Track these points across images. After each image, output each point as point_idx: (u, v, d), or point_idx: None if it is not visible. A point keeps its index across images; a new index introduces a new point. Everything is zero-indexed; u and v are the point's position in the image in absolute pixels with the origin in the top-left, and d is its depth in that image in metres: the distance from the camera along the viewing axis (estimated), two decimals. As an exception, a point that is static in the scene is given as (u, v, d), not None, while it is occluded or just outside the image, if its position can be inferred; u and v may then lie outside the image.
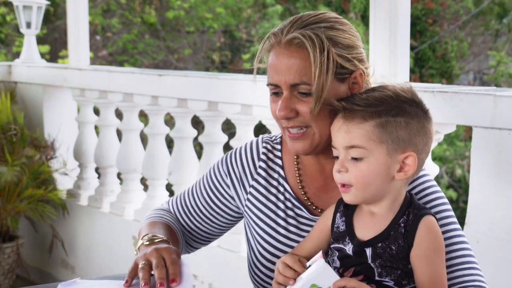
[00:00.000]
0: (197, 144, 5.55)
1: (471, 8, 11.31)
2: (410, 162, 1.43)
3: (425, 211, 1.44)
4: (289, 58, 1.55)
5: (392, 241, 1.41)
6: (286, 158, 1.74)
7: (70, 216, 4.42)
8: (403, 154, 1.43)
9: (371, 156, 1.42)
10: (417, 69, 10.55)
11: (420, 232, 1.41)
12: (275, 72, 1.58)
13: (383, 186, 1.43)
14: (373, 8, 2.72)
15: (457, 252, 1.56)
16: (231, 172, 1.77)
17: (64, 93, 4.71)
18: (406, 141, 1.43)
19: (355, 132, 1.42)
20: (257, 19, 11.43)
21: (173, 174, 3.67)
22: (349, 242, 1.45)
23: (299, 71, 1.54)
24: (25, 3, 4.90)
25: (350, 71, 1.57)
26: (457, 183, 10.14)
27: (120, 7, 11.53)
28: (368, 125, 1.42)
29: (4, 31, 10.41)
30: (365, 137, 1.41)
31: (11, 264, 4.30)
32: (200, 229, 1.84)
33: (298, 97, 1.56)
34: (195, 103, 3.54)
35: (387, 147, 1.42)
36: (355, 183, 1.42)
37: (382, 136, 1.41)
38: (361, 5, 10.11)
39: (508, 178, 2.29)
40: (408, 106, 1.44)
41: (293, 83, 1.55)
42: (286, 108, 1.56)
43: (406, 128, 1.43)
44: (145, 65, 11.17)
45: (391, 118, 1.42)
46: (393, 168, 1.43)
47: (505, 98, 2.26)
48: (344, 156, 1.44)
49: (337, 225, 1.49)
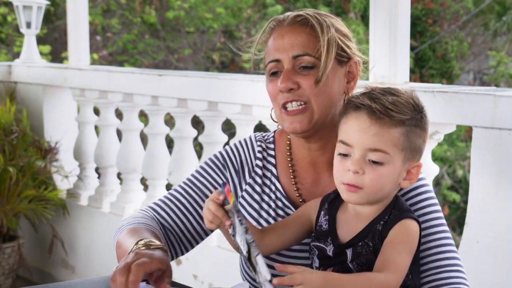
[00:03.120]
0: (197, 144, 5.55)
1: (471, 8, 11.30)
2: (415, 172, 1.46)
3: (407, 213, 1.44)
4: (293, 33, 1.58)
5: (370, 239, 1.42)
6: (279, 156, 1.73)
7: (70, 216, 4.42)
8: (413, 163, 1.46)
9: (391, 163, 1.41)
10: (417, 69, 10.54)
11: (394, 228, 1.41)
12: (276, 49, 1.59)
13: (389, 192, 1.45)
14: (373, 8, 2.72)
15: (445, 253, 1.56)
16: (230, 166, 1.75)
17: (64, 93, 4.71)
18: (418, 151, 1.46)
19: (384, 136, 1.41)
20: (257, 19, 11.42)
21: (173, 174, 3.67)
22: (331, 243, 1.45)
23: (303, 44, 1.57)
24: (25, 3, 4.89)
25: (348, 56, 1.62)
26: (458, 184, 10.14)
27: (120, 7, 11.53)
28: (396, 131, 1.41)
29: (5, 31, 10.41)
30: (392, 143, 1.41)
31: (12, 264, 4.30)
32: (193, 226, 1.73)
33: (299, 72, 1.57)
34: (195, 103, 3.54)
35: (405, 155, 1.43)
36: (369, 186, 1.41)
37: (404, 144, 1.42)
38: (361, 5, 10.11)
39: (508, 178, 2.29)
40: (424, 116, 1.47)
41: (296, 54, 1.56)
42: (288, 79, 1.56)
43: (420, 138, 1.46)
44: (145, 65, 11.17)
45: (413, 127, 1.43)
46: (401, 176, 1.45)
47: (505, 98, 2.26)
48: (361, 157, 1.41)
49: (320, 223, 1.49)
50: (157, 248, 1.49)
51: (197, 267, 3.51)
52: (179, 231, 1.74)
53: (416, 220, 1.44)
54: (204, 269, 3.48)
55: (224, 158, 1.76)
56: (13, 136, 4.21)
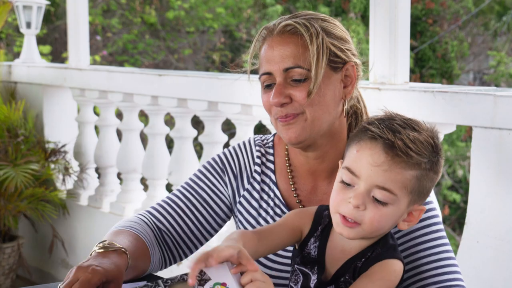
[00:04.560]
0: (197, 144, 5.55)
1: (471, 8, 11.30)
2: (417, 215, 1.36)
3: (391, 253, 1.34)
4: (282, 45, 1.54)
5: (350, 276, 1.34)
6: (278, 161, 1.71)
7: (70, 216, 4.42)
8: (417, 207, 1.35)
9: (396, 204, 1.31)
10: (417, 69, 10.54)
11: (375, 266, 1.32)
12: (267, 62, 1.56)
13: (386, 231, 1.36)
14: (373, 8, 2.72)
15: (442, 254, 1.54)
16: (229, 171, 1.73)
17: (64, 93, 4.71)
18: (426, 194, 1.35)
19: (396, 177, 1.29)
20: (257, 19, 11.42)
21: (173, 174, 3.67)
22: (316, 273, 1.37)
23: (294, 56, 1.53)
24: (25, 3, 4.90)
25: (343, 61, 1.57)
26: (458, 184, 10.14)
27: (120, 7, 11.53)
28: (410, 174, 1.29)
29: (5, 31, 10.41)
30: (402, 185, 1.29)
31: (12, 264, 4.30)
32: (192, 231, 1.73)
33: (291, 84, 1.54)
34: (195, 103, 3.54)
35: (411, 198, 1.32)
36: (367, 224, 1.30)
37: (414, 187, 1.31)
38: (361, 5, 10.11)
39: (508, 178, 2.29)
40: (440, 159, 1.35)
41: (287, 67, 1.53)
42: (280, 94, 1.53)
43: (432, 182, 1.35)
44: (145, 65, 11.17)
45: (427, 171, 1.32)
46: (402, 217, 1.35)
47: (505, 98, 2.26)
48: (366, 191, 1.29)
49: (309, 249, 1.40)
50: (113, 251, 1.50)
51: (197, 267, 3.51)
52: (177, 236, 1.73)
53: (400, 259, 1.34)
54: (204, 269, 3.48)
55: (223, 163, 1.74)
56: (19, 139, 4.21)
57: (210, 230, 1.75)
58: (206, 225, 1.74)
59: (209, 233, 1.76)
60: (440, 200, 9.52)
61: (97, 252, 1.51)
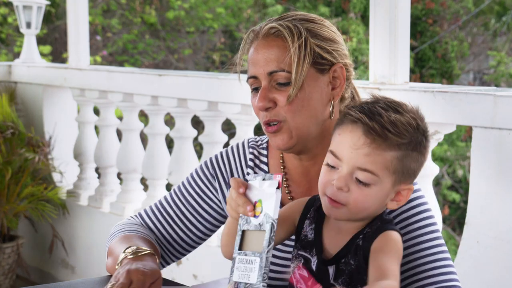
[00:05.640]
0: (197, 144, 5.55)
1: (471, 8, 11.30)
2: (405, 194, 1.39)
3: (389, 226, 1.36)
4: (266, 48, 1.54)
5: (352, 255, 1.35)
6: (272, 163, 1.70)
7: (70, 216, 4.42)
8: (404, 186, 1.38)
9: (379, 185, 1.34)
10: (417, 69, 10.54)
11: (378, 239, 1.34)
12: (253, 65, 1.56)
13: (374, 212, 1.38)
14: (373, 8, 2.72)
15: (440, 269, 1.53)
16: (219, 176, 1.73)
17: (64, 93, 4.71)
18: (412, 174, 1.38)
19: (376, 158, 1.32)
20: (257, 19, 11.42)
21: (173, 174, 3.67)
22: (315, 255, 1.39)
23: (277, 59, 1.52)
24: (25, 3, 4.90)
25: (330, 62, 1.56)
26: (458, 184, 10.14)
27: (120, 7, 11.53)
28: (390, 155, 1.33)
29: (5, 31, 10.41)
30: (383, 166, 1.33)
31: (11, 264, 4.30)
32: (181, 237, 1.75)
33: (276, 87, 1.54)
34: (195, 103, 3.54)
35: (395, 178, 1.35)
36: (352, 205, 1.34)
37: (397, 167, 1.34)
38: (361, 5, 10.10)
39: (508, 178, 2.29)
40: (424, 139, 1.37)
41: (271, 71, 1.53)
42: (264, 98, 1.53)
43: (417, 162, 1.37)
44: (145, 65, 11.17)
45: (410, 152, 1.35)
46: (389, 197, 1.37)
47: (505, 98, 2.26)
48: (348, 174, 1.33)
49: (306, 232, 1.42)
50: (145, 255, 1.52)
51: (197, 267, 3.51)
52: (166, 242, 1.75)
53: (398, 232, 1.36)
54: (204, 269, 3.48)
55: (214, 168, 1.74)
56: (8, 132, 4.20)
57: (201, 235, 1.77)
58: (196, 231, 1.75)
59: (200, 238, 1.77)
60: (440, 200, 9.51)
61: (129, 257, 1.52)
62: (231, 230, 1.40)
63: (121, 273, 1.45)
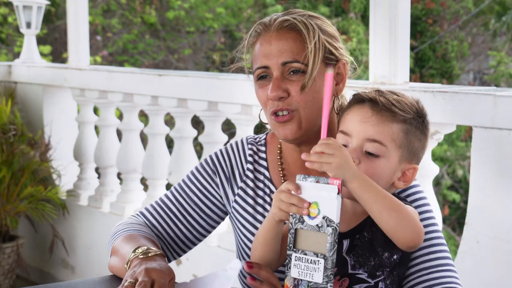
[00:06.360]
0: (197, 144, 5.55)
1: (471, 8, 11.30)
2: (410, 174, 1.47)
3: (404, 202, 1.44)
4: (280, 40, 1.57)
5: (368, 229, 1.41)
6: (270, 158, 1.72)
7: (70, 216, 4.42)
8: (409, 165, 1.46)
9: (387, 157, 1.43)
10: (417, 69, 10.54)
11: None
12: (264, 56, 1.58)
13: (383, 187, 1.41)
14: (373, 8, 2.72)
15: (436, 253, 1.55)
16: (220, 172, 1.74)
17: (64, 93, 4.71)
18: (415, 153, 1.47)
19: (384, 128, 1.42)
20: (257, 19, 11.41)
21: (173, 174, 3.67)
22: None
23: (292, 51, 1.56)
24: (25, 3, 4.90)
25: (336, 58, 1.61)
26: (458, 184, 10.14)
27: (120, 7, 11.53)
28: (397, 126, 1.43)
29: (5, 31, 10.41)
30: (390, 137, 1.42)
31: (11, 264, 4.30)
32: (183, 233, 1.75)
33: (288, 77, 1.57)
34: (195, 103, 3.54)
35: (402, 153, 1.44)
36: None
37: (403, 141, 1.43)
38: (361, 5, 10.10)
39: (508, 178, 2.29)
40: (426, 123, 1.49)
41: (285, 61, 1.56)
42: (278, 88, 1.55)
43: (419, 141, 1.47)
44: (145, 65, 11.17)
45: (414, 128, 1.45)
46: (396, 175, 1.45)
47: (505, 98, 2.26)
48: (358, 147, 1.42)
49: None
50: (156, 255, 1.50)
51: (197, 267, 3.51)
52: (169, 239, 1.75)
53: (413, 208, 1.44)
54: (204, 269, 3.48)
55: (214, 164, 1.76)
56: (10, 134, 4.21)
57: (203, 231, 1.77)
58: (198, 227, 1.76)
59: (202, 234, 1.78)
60: (440, 200, 9.51)
61: (140, 257, 1.50)
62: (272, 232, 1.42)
63: (138, 272, 1.42)
